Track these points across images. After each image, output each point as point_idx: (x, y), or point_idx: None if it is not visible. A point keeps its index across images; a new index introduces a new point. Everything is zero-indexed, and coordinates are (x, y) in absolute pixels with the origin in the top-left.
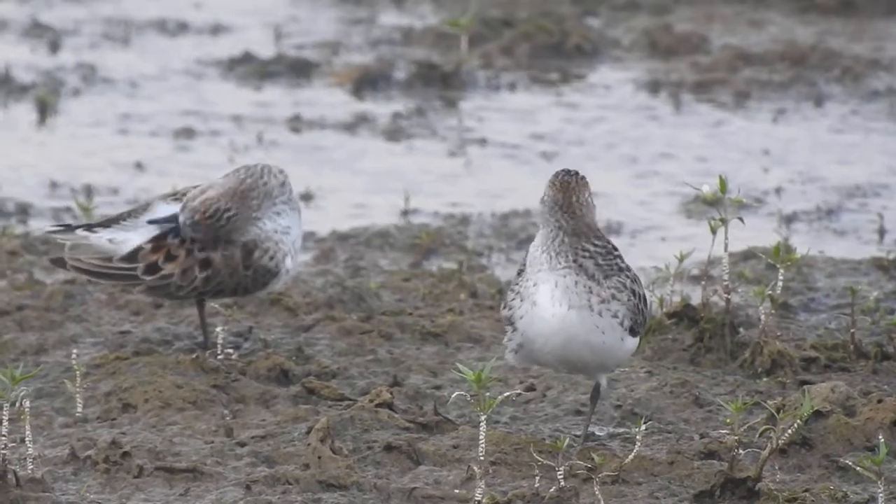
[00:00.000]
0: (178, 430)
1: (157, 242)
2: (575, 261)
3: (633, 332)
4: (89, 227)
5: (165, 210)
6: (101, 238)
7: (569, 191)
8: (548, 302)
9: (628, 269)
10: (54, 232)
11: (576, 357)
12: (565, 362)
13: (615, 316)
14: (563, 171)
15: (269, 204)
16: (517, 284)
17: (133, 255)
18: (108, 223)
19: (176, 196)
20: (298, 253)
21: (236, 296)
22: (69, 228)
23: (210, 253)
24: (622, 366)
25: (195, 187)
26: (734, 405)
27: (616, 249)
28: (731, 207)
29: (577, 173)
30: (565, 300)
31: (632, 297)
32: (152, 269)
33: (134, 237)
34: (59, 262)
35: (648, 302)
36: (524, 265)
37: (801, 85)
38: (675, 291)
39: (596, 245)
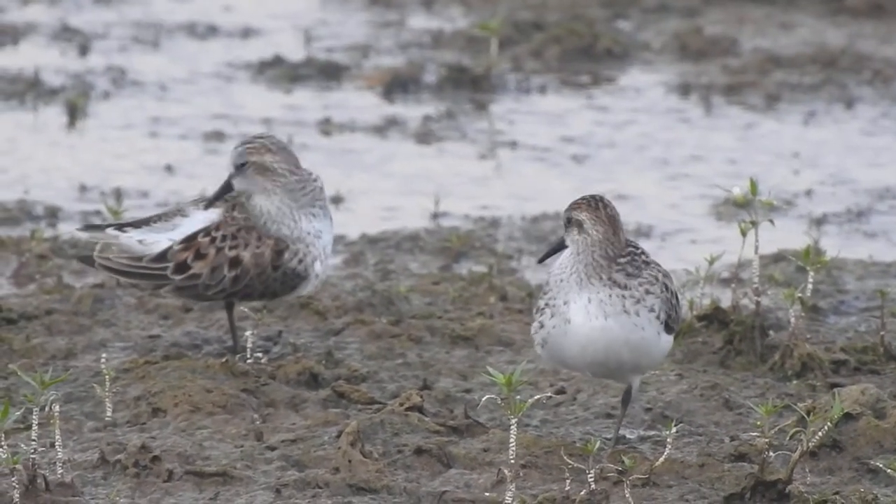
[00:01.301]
0: (208, 434)
1: (188, 242)
2: (609, 278)
3: (668, 328)
4: (120, 227)
5: (199, 217)
6: (132, 238)
7: (615, 223)
8: (583, 318)
9: (657, 264)
10: (84, 230)
11: (615, 358)
12: (601, 364)
13: (651, 310)
14: (599, 199)
15: (309, 201)
16: (545, 295)
17: (163, 255)
18: (138, 224)
19: (209, 202)
20: (328, 259)
21: (265, 299)
22: (99, 227)
23: (240, 251)
24: (655, 367)
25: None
26: (764, 408)
27: (638, 248)
28: (762, 210)
29: (609, 202)
30: (601, 313)
31: (664, 290)
32: (182, 268)
33: (164, 239)
34: (88, 261)
35: (680, 301)
36: (548, 280)
37: (831, 87)
38: (705, 294)
39: (625, 257)
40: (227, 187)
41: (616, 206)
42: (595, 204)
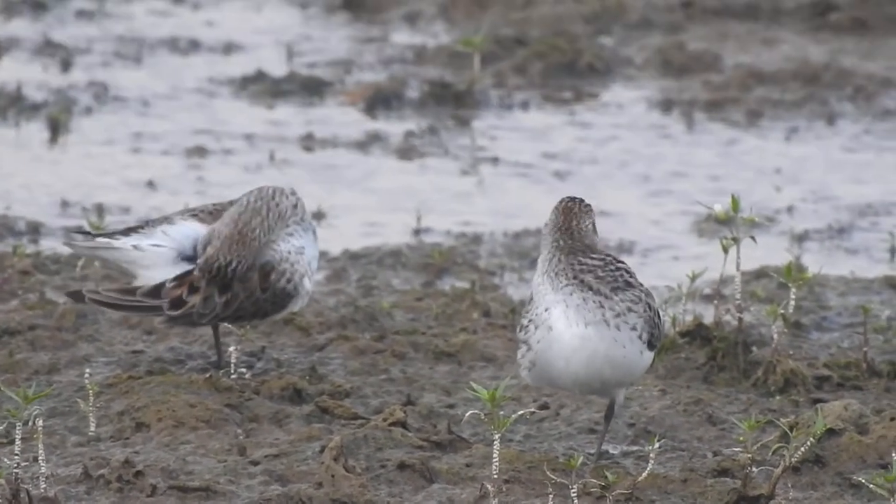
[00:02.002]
0: (192, 448)
1: (181, 279)
2: (575, 277)
3: (650, 345)
4: (110, 236)
5: (184, 229)
6: (126, 244)
7: (570, 215)
8: (563, 324)
9: (640, 284)
10: (69, 244)
11: (597, 375)
12: (585, 382)
13: (634, 329)
14: (567, 197)
15: (281, 225)
16: (528, 312)
17: (157, 290)
18: (126, 232)
19: (195, 213)
20: (315, 275)
21: (257, 318)
22: (89, 236)
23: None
24: (637, 383)
25: (213, 206)
26: (747, 423)
27: (620, 262)
28: (744, 226)
29: (581, 200)
30: (580, 319)
31: (647, 310)
32: (178, 303)
33: (157, 242)
34: (77, 297)
35: (662, 318)
36: (531, 296)
37: (813, 104)
38: (687, 310)
39: (593, 258)
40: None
41: (592, 211)
42: (562, 199)
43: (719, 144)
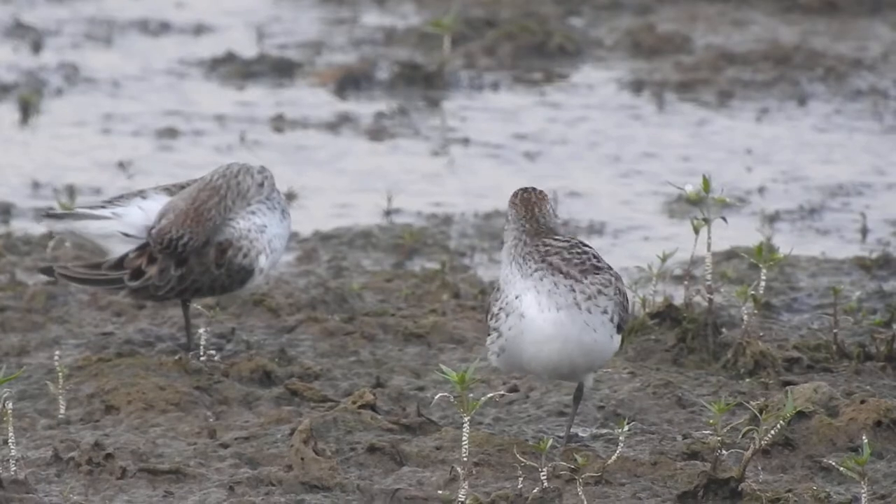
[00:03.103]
0: (161, 431)
1: (142, 249)
2: (543, 260)
3: (619, 328)
4: (89, 208)
5: (157, 203)
6: (104, 212)
7: (529, 203)
8: (535, 310)
9: (609, 267)
10: (53, 216)
11: (567, 360)
12: (555, 367)
13: (605, 312)
14: (520, 188)
15: (242, 204)
16: (497, 301)
17: (120, 263)
18: (103, 205)
19: (167, 188)
20: (279, 252)
21: (215, 294)
22: (65, 214)
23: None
24: (606, 366)
25: (187, 183)
26: (717, 406)
27: (587, 245)
28: (714, 207)
29: (535, 188)
30: (552, 304)
31: (617, 294)
32: (137, 273)
33: (135, 208)
34: (48, 272)
35: (630, 300)
36: (498, 285)
37: (784, 84)
38: (657, 291)
39: (557, 240)
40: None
41: (549, 194)
42: (514, 193)
43: (690, 125)
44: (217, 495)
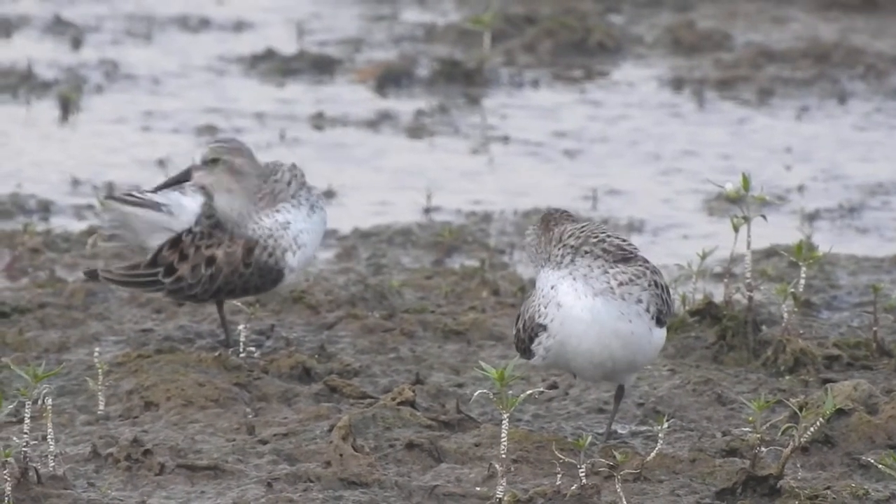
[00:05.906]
0: (200, 427)
1: (175, 244)
2: (574, 247)
3: (659, 322)
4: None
5: (194, 202)
6: (167, 198)
7: (548, 222)
8: (573, 298)
9: (645, 260)
10: (116, 198)
11: (607, 352)
12: (598, 361)
13: (639, 301)
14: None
15: (270, 202)
16: (532, 296)
17: (154, 260)
18: (155, 192)
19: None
20: (310, 247)
21: (248, 294)
22: (124, 198)
23: (214, 250)
24: (650, 363)
25: None
26: (756, 403)
27: (628, 242)
28: (754, 205)
29: (557, 210)
30: (588, 289)
31: (652, 285)
32: (170, 270)
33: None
34: (93, 275)
35: (671, 294)
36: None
37: (824, 82)
38: (697, 289)
39: (573, 230)
40: (185, 175)
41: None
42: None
43: (730, 123)
44: (255, 491)
